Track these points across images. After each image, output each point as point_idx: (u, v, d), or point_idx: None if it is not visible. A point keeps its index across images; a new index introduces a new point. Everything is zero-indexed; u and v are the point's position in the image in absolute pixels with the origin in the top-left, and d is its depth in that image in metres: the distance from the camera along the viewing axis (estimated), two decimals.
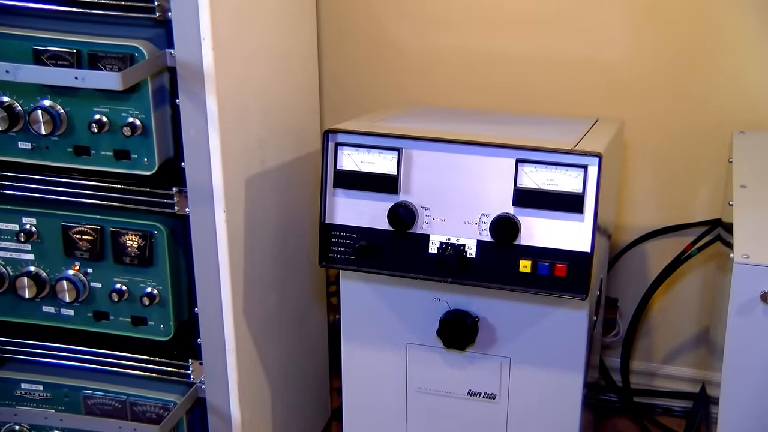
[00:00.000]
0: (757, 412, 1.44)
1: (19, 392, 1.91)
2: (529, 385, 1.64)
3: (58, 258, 1.78)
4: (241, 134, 1.70)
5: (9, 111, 1.65)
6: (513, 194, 1.49)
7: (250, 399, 1.83)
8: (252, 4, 1.71)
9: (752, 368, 1.42)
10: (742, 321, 1.39)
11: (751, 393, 1.43)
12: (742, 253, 1.37)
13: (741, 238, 1.42)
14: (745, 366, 1.42)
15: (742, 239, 1.42)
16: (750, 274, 1.36)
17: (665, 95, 2.11)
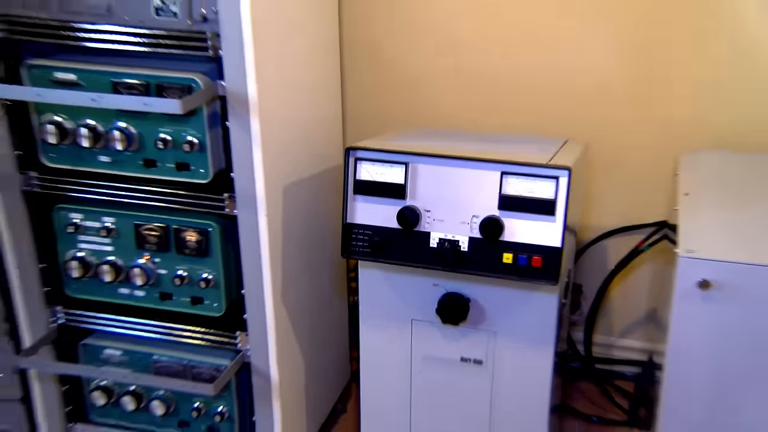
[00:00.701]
0: (694, 375, 1.44)
1: (103, 356, 1.92)
2: (510, 354, 1.64)
3: (132, 250, 1.78)
4: (279, 151, 1.69)
5: (93, 131, 1.66)
6: (498, 200, 1.50)
7: (286, 363, 1.82)
8: (288, 45, 1.69)
9: (691, 341, 1.42)
10: (683, 303, 1.39)
11: (689, 360, 1.44)
12: (685, 248, 1.38)
13: (684, 236, 1.43)
14: (685, 339, 1.42)
15: (685, 237, 1.42)
16: (691, 265, 1.37)
17: (624, 121, 2.10)
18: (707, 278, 1.34)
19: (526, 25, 2.08)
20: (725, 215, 1.52)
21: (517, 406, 1.68)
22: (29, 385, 1.96)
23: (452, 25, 2.14)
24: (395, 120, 2.25)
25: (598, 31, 2.03)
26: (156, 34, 1.57)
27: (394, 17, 2.17)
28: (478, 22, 2.11)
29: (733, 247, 1.38)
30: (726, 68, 1.97)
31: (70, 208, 1.79)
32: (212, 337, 1.83)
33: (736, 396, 1.42)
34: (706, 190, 1.65)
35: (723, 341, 1.39)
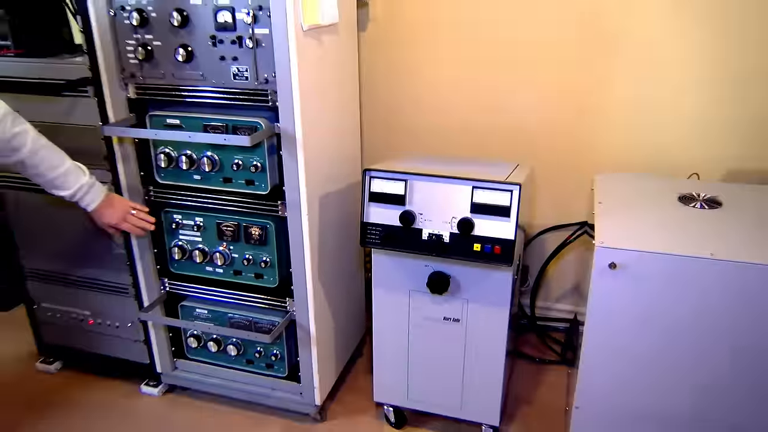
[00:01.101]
0: (605, 328, 1.46)
1: (195, 314, 1.92)
2: (479, 314, 1.64)
3: (214, 240, 1.79)
4: (317, 171, 1.68)
5: (189, 158, 1.68)
6: (470, 206, 1.50)
7: (320, 320, 1.82)
8: (323, 98, 1.69)
9: (603, 304, 1.44)
10: (598, 278, 1.41)
11: (602, 318, 1.45)
12: (600, 240, 1.40)
13: (599, 232, 1.44)
14: (599, 303, 1.44)
15: (600, 233, 1.43)
16: (604, 252, 1.39)
17: (559, 150, 2.10)
18: (615, 261, 1.37)
19: (484, 88, 2.09)
20: (626, 218, 1.54)
21: (483, 350, 1.68)
22: (148, 331, 1.98)
23: (435, 95, 2.15)
24: (397, 150, 2.25)
25: (530, 84, 2.04)
26: (234, 92, 1.59)
27: (396, 83, 2.17)
28: (452, 91, 2.13)
29: (632, 240, 1.40)
30: (629, 110, 1.98)
31: (173, 211, 1.80)
32: (269, 301, 1.82)
33: (634, 340, 1.44)
34: (614, 200, 1.65)
35: (625, 304, 1.41)
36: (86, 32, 1.62)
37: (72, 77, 1.70)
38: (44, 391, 2.09)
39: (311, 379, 1.84)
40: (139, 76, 1.64)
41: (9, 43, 1.76)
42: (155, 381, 2.07)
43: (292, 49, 1.47)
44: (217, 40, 1.53)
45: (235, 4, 1.48)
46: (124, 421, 1.95)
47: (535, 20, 1.97)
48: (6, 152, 1.46)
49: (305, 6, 1.48)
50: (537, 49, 2.00)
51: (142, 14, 1.56)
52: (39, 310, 2.12)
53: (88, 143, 1.78)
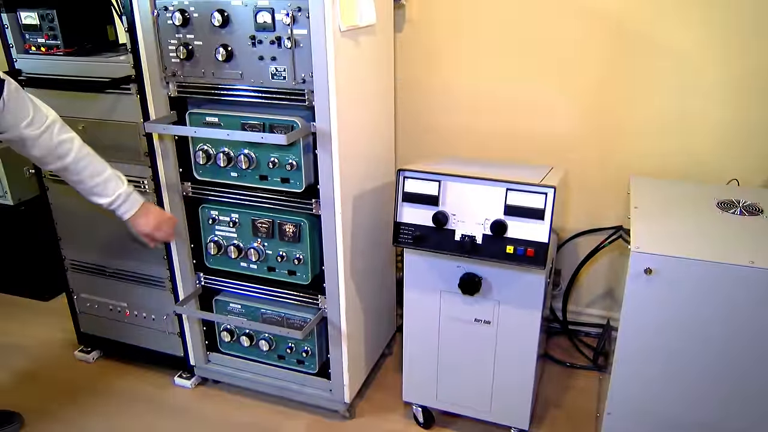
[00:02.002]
0: (639, 334, 1.45)
1: (229, 308, 1.95)
2: (510, 317, 1.64)
3: (249, 236, 1.81)
4: (351, 171, 1.70)
5: (227, 156, 1.71)
6: (504, 208, 1.50)
7: (351, 318, 1.83)
8: (358, 98, 1.71)
9: (638, 310, 1.43)
10: (633, 283, 1.40)
11: (636, 323, 1.44)
12: (636, 245, 1.39)
13: (634, 237, 1.43)
14: (633, 309, 1.43)
15: (635, 238, 1.42)
16: (639, 257, 1.38)
17: (592, 154, 2.08)
18: (650, 266, 1.36)
19: (518, 91, 2.09)
20: (663, 223, 1.52)
21: (514, 353, 1.67)
22: (182, 324, 2.02)
23: (470, 97, 2.15)
24: (429, 151, 2.26)
25: (564, 88, 2.03)
26: (271, 91, 1.61)
27: (430, 84, 2.18)
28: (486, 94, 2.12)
29: (669, 245, 1.38)
30: (663, 115, 1.96)
31: (210, 207, 1.83)
32: (301, 298, 1.84)
33: (668, 348, 1.43)
34: (650, 205, 1.64)
35: (660, 311, 1.40)
36: (131, 32, 1.68)
37: (116, 75, 1.75)
38: (81, 380, 2.16)
39: (341, 377, 1.86)
40: (180, 75, 1.69)
41: (59, 42, 1.82)
42: (188, 373, 2.11)
43: (330, 49, 1.49)
44: (257, 40, 1.56)
45: (274, 5, 1.51)
46: (156, 411, 2.00)
47: (570, 26, 1.96)
48: (51, 159, 1.49)
49: (343, 7, 1.50)
50: (573, 54, 1.99)
51: (184, 14, 1.60)
52: (78, 301, 2.19)
53: (129, 140, 1.83)
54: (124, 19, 1.72)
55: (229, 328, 1.98)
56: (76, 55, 1.84)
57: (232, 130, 1.62)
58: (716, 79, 1.88)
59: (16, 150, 1.49)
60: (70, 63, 1.82)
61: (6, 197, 2.57)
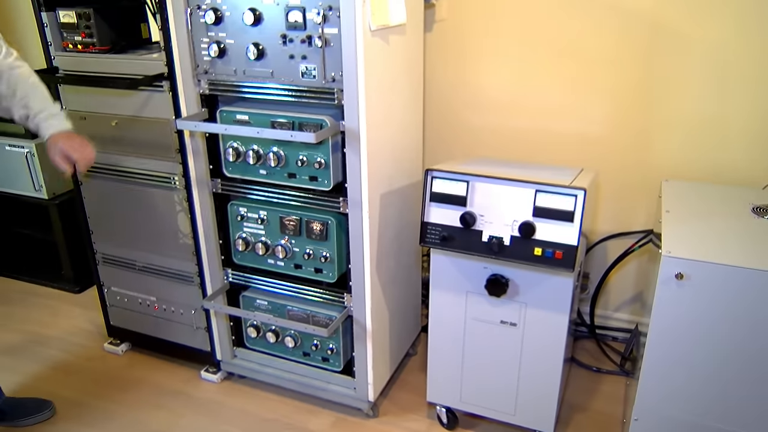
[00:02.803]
0: (669, 340, 1.43)
1: (256, 304, 1.97)
2: (537, 319, 1.63)
3: (277, 234, 1.83)
4: (379, 170, 1.71)
5: (256, 153, 1.73)
6: (532, 209, 1.49)
7: (377, 317, 1.84)
8: (388, 98, 1.71)
9: (668, 315, 1.41)
10: (664, 288, 1.39)
11: (666, 329, 1.43)
12: (667, 249, 1.37)
13: (666, 241, 1.41)
14: (663, 314, 1.42)
15: (667, 242, 1.41)
16: (671, 262, 1.36)
17: (623, 156, 2.06)
18: (681, 271, 1.35)
19: (548, 93, 2.07)
20: (695, 227, 1.50)
21: (540, 357, 1.66)
22: (210, 319, 2.05)
23: (498, 97, 2.14)
24: (457, 151, 2.26)
25: (595, 90, 2.02)
26: (301, 89, 1.62)
27: (459, 84, 2.17)
28: (515, 95, 2.11)
29: (701, 250, 1.37)
30: (696, 120, 1.93)
31: (239, 204, 1.85)
32: (327, 296, 1.85)
33: (698, 354, 1.41)
34: (682, 209, 1.62)
35: (690, 317, 1.38)
36: (164, 30, 1.71)
37: (149, 73, 1.78)
38: (110, 371, 2.21)
39: (365, 375, 1.87)
40: (211, 73, 1.71)
41: (95, 40, 1.86)
42: (215, 368, 2.14)
43: (360, 48, 1.50)
44: (287, 38, 1.58)
45: (306, 4, 1.53)
46: (183, 404, 2.03)
47: (601, 25, 1.94)
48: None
49: (374, 7, 1.51)
50: (604, 54, 1.97)
51: (216, 13, 1.62)
52: (109, 294, 2.24)
53: (161, 136, 1.87)
54: (157, 18, 1.76)
55: (256, 324, 2.00)
56: (110, 53, 1.88)
57: (262, 128, 1.63)
58: (752, 79, 1.84)
59: None
60: (105, 60, 1.86)
61: (41, 191, 2.63)
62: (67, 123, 1.65)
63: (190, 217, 1.92)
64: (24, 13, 2.87)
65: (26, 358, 2.29)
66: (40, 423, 1.95)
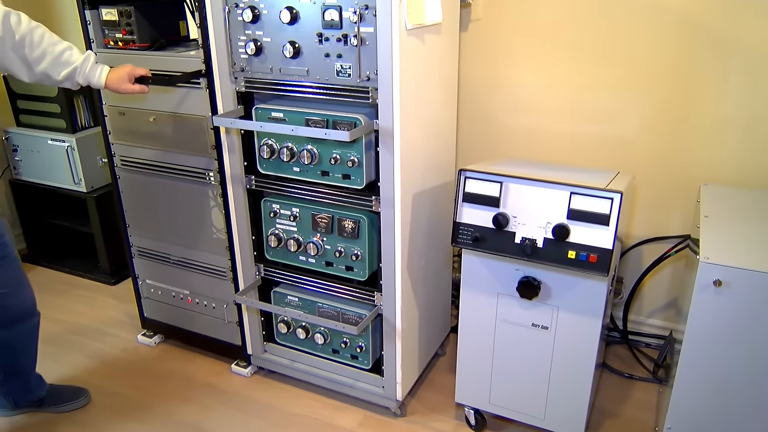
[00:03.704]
0: (705, 348, 1.41)
1: (286, 300, 1.99)
2: (569, 323, 1.61)
3: (309, 231, 1.85)
4: (412, 169, 1.71)
5: (290, 150, 1.75)
6: (567, 211, 1.48)
7: (407, 316, 1.84)
8: (422, 98, 1.71)
9: (705, 323, 1.39)
10: (701, 295, 1.36)
11: (702, 337, 1.40)
12: (705, 256, 1.35)
13: (704, 247, 1.39)
14: (700, 321, 1.39)
15: (705, 248, 1.38)
16: (709, 269, 1.34)
17: (660, 159, 2.03)
18: (720, 278, 1.32)
19: (584, 94, 2.05)
20: (735, 233, 1.47)
21: (572, 360, 1.65)
22: (241, 314, 2.08)
23: (533, 98, 2.13)
24: (491, 152, 2.25)
25: (633, 92, 1.98)
26: (336, 88, 1.64)
27: (494, 84, 2.16)
28: (550, 96, 2.09)
29: (740, 257, 1.34)
30: (737, 125, 1.89)
31: (272, 201, 1.87)
32: (357, 294, 1.86)
33: (734, 363, 1.38)
34: (721, 214, 1.59)
35: (728, 325, 1.36)
36: (202, 27, 1.73)
37: (187, 70, 1.82)
38: (143, 362, 2.26)
39: (394, 374, 1.87)
40: (248, 70, 1.73)
41: (135, 37, 1.91)
42: (245, 362, 2.17)
43: (395, 47, 1.50)
44: (323, 37, 1.59)
45: (342, 3, 1.54)
46: (213, 397, 2.07)
47: (639, 25, 1.91)
48: (18, 48, 1.59)
49: (411, 6, 1.51)
50: (641, 55, 1.94)
51: (254, 11, 1.64)
52: (143, 286, 2.28)
53: (198, 132, 1.90)
54: (196, 15, 1.79)
55: (286, 319, 2.02)
56: (150, 50, 1.92)
57: (297, 126, 1.65)
58: None
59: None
60: (144, 57, 1.90)
61: (80, 184, 2.70)
62: (101, 65, 1.72)
63: (224, 212, 1.95)
64: (67, 11, 2.95)
65: (64, 347, 2.36)
66: (76, 410, 2.01)
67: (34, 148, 2.77)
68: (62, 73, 1.65)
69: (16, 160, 2.84)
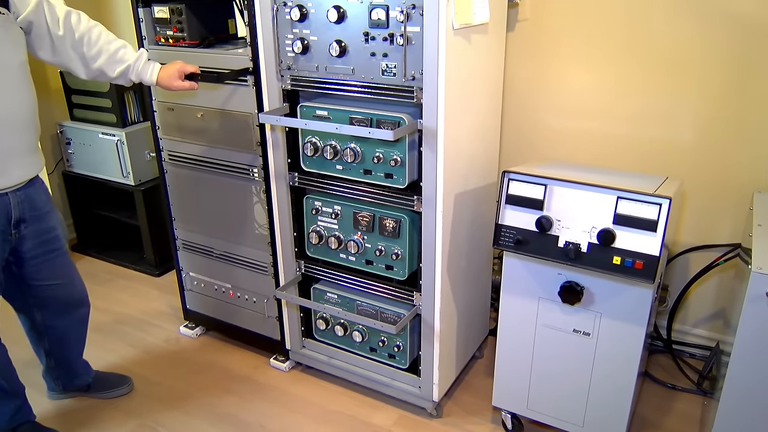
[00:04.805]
0: (754, 361, 1.37)
1: (326, 297, 2.00)
2: (612, 330, 1.58)
3: (350, 229, 1.86)
4: (454, 169, 1.70)
5: (334, 149, 1.76)
6: (613, 216, 1.45)
7: (445, 317, 1.84)
8: (466, 98, 1.70)
9: (755, 335, 1.36)
10: (752, 307, 1.33)
11: (752, 349, 1.37)
12: (758, 266, 1.32)
13: (757, 257, 1.35)
14: (750, 334, 1.36)
15: (757, 258, 1.35)
16: (761, 279, 1.31)
17: (710, 165, 1.97)
18: None
19: (632, 97, 2.00)
20: None
21: (613, 369, 1.61)
22: (281, 309, 2.10)
23: (579, 100, 2.09)
24: (535, 154, 2.22)
25: (685, 96, 1.93)
26: (381, 87, 1.64)
27: (539, 86, 2.14)
28: (597, 98, 2.05)
29: None
30: None
31: (314, 198, 1.89)
32: (397, 293, 1.86)
33: None
34: None
35: None
36: (251, 26, 1.76)
37: (235, 67, 1.85)
38: (184, 353, 2.31)
39: (431, 375, 1.87)
40: (294, 69, 1.75)
41: (185, 35, 1.95)
42: (284, 357, 2.20)
43: (442, 47, 1.50)
44: (370, 36, 1.60)
45: (389, 2, 1.54)
46: (252, 390, 2.10)
47: (691, 27, 1.86)
48: (77, 46, 1.66)
49: (458, 6, 1.50)
50: (693, 57, 1.89)
51: (302, 10, 1.66)
52: (186, 279, 2.33)
53: (243, 129, 1.93)
54: (245, 14, 1.82)
55: (325, 316, 2.04)
56: (199, 47, 1.96)
57: (341, 124, 1.66)
58: None
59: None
60: (193, 54, 1.94)
61: (129, 178, 2.78)
62: (153, 62, 1.79)
63: (267, 208, 1.98)
64: (120, 9, 3.04)
65: (109, 335, 2.43)
66: (119, 397, 2.07)
67: (86, 142, 2.86)
68: (116, 71, 1.71)
69: (69, 153, 2.94)
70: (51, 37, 1.61)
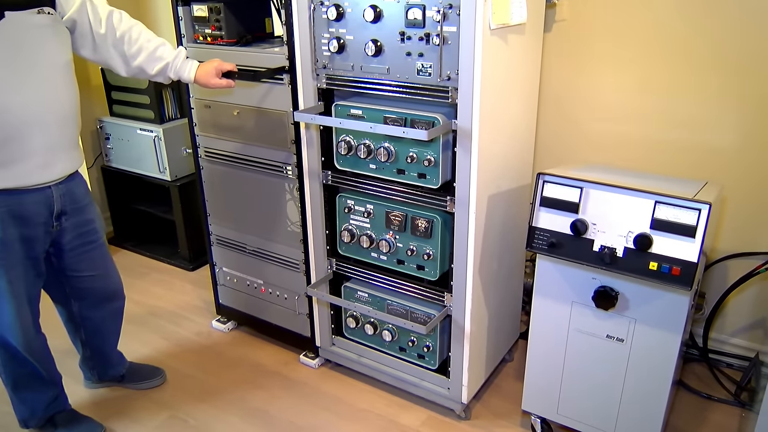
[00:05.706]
0: None
1: (356, 296, 2.01)
2: (646, 337, 1.56)
3: (382, 228, 1.86)
4: (488, 170, 1.69)
5: (367, 148, 1.76)
6: (651, 221, 1.42)
7: (476, 319, 1.83)
8: (502, 99, 1.69)
9: None
10: None
11: None
12: None
13: None
14: None
15: None
16: None
17: (752, 171, 1.92)
18: None
19: (672, 100, 1.96)
20: None
21: (647, 376, 1.59)
22: (312, 306, 2.12)
23: (617, 103, 2.06)
24: (570, 156, 2.19)
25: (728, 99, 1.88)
26: (416, 87, 1.64)
27: (576, 88, 2.10)
28: (636, 101, 2.01)
29: None
30: None
31: (347, 196, 1.90)
32: (428, 293, 1.86)
33: None
34: None
35: None
36: (287, 25, 1.78)
37: (271, 66, 1.87)
38: (216, 347, 2.34)
39: (460, 376, 1.86)
40: (329, 67, 1.76)
41: (223, 33, 1.98)
42: (313, 353, 2.22)
43: (478, 47, 1.49)
44: (406, 36, 1.60)
45: (426, 1, 1.54)
46: (281, 385, 2.12)
47: (733, 28, 1.81)
48: (118, 44, 1.70)
49: (496, 6, 1.49)
50: (735, 60, 1.84)
51: (339, 9, 1.66)
52: (219, 274, 2.37)
53: (278, 127, 1.95)
54: (282, 13, 1.83)
55: (355, 314, 2.04)
56: (236, 46, 1.99)
57: (375, 123, 1.66)
58: None
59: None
60: (231, 52, 1.96)
61: (165, 173, 2.83)
62: (191, 59, 1.83)
63: (300, 206, 2.00)
64: (160, 8, 3.09)
65: (143, 328, 2.48)
66: (152, 388, 2.11)
67: (124, 137, 2.92)
68: (155, 68, 1.74)
69: (107, 147, 3.01)
70: (93, 35, 1.65)
